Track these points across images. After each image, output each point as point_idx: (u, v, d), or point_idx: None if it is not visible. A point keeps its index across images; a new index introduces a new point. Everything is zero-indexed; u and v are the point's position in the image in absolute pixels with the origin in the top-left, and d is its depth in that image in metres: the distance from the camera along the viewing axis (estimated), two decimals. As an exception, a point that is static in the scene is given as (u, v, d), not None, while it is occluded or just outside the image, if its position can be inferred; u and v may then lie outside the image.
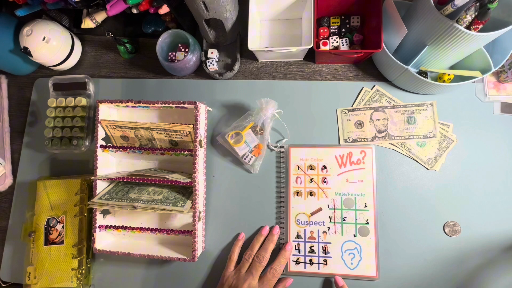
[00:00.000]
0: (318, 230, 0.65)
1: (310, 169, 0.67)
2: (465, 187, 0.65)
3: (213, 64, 0.70)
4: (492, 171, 0.65)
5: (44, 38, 0.69)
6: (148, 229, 0.65)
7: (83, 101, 0.73)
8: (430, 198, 0.65)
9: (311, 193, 0.66)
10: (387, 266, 0.63)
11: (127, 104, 0.65)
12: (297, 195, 0.66)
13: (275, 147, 0.68)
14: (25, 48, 0.68)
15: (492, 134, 0.66)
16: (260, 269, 0.61)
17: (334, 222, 0.65)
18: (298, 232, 0.65)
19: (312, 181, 0.66)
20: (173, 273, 0.67)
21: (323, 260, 0.64)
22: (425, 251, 0.63)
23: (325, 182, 0.66)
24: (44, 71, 0.79)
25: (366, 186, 0.65)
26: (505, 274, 0.62)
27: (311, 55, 0.71)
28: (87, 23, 0.70)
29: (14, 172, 0.75)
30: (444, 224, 0.64)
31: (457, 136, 0.66)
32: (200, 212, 0.64)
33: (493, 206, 0.64)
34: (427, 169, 0.66)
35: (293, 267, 0.64)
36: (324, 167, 0.66)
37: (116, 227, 0.66)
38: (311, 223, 0.65)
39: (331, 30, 0.68)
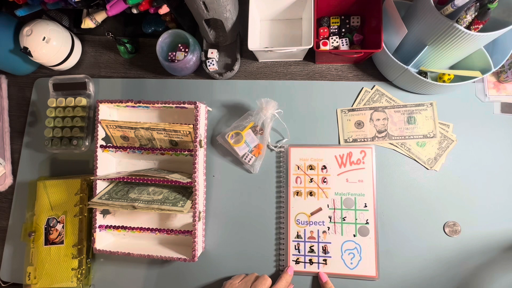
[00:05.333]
0: (318, 230, 0.65)
1: (310, 169, 0.67)
2: (465, 187, 0.65)
3: (213, 64, 0.70)
4: (492, 171, 0.65)
5: (44, 38, 0.69)
6: (148, 229, 0.65)
7: (83, 101, 0.73)
8: (430, 198, 0.65)
9: (311, 193, 0.66)
10: (387, 266, 0.63)
11: (127, 104, 0.65)
12: (297, 195, 0.66)
13: (275, 147, 0.68)
14: (25, 48, 0.68)
15: (492, 134, 0.66)
16: None
17: (334, 222, 0.65)
18: (298, 232, 0.65)
19: (312, 181, 0.66)
20: (173, 273, 0.67)
21: (323, 260, 0.64)
22: (425, 251, 0.63)
23: (325, 182, 0.66)
24: (44, 71, 0.79)
25: (366, 186, 0.65)
26: (505, 274, 0.62)
27: (311, 55, 0.71)
28: (87, 23, 0.70)
29: (14, 172, 0.75)
30: (444, 224, 0.64)
31: (457, 136, 0.66)
32: (200, 212, 0.64)
33: (493, 206, 0.64)
34: (427, 169, 0.66)
35: (293, 267, 0.64)
36: (324, 167, 0.66)
37: (116, 227, 0.66)
38: (311, 223, 0.65)
39: (331, 30, 0.68)
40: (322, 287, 0.62)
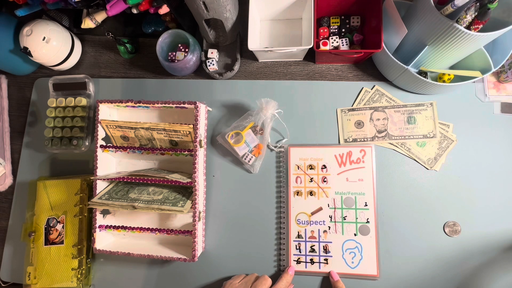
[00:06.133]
0: (319, 230, 0.65)
1: (310, 168, 0.67)
2: (465, 187, 0.65)
3: (213, 64, 0.70)
4: (492, 171, 0.65)
5: (44, 38, 0.69)
6: (148, 229, 0.65)
7: (83, 101, 0.73)
8: (430, 198, 0.65)
9: (311, 193, 0.66)
10: (388, 265, 0.63)
11: (127, 104, 0.65)
12: (297, 194, 0.66)
13: (275, 147, 0.68)
14: (25, 48, 0.68)
15: (492, 134, 0.66)
16: None
17: (335, 221, 0.65)
18: (298, 232, 0.65)
19: (312, 181, 0.66)
20: (173, 273, 0.67)
21: (324, 260, 0.64)
22: (425, 251, 0.63)
23: (325, 181, 0.66)
24: (44, 71, 0.79)
25: (366, 185, 0.65)
26: (505, 274, 0.62)
27: (311, 55, 0.71)
28: (87, 23, 0.70)
29: (14, 172, 0.75)
30: (444, 224, 0.64)
31: (457, 136, 0.66)
32: (200, 212, 0.64)
33: (493, 206, 0.64)
34: (427, 169, 0.66)
35: (294, 267, 0.64)
36: (324, 166, 0.66)
37: (116, 227, 0.66)
38: (311, 222, 0.65)
39: (331, 30, 0.68)
40: (333, 285, 0.61)
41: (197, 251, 0.61)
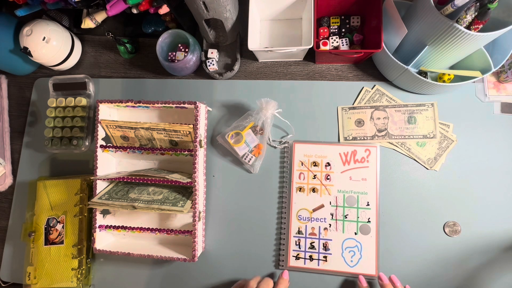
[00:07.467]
0: (319, 227, 0.65)
1: (314, 165, 0.67)
2: (465, 187, 0.64)
3: (213, 64, 0.70)
4: (492, 171, 0.65)
5: (44, 38, 0.69)
6: (148, 229, 0.65)
7: (83, 101, 0.73)
8: (430, 198, 0.65)
9: (313, 190, 0.66)
10: (387, 265, 0.63)
11: (127, 104, 0.65)
12: (299, 191, 0.66)
13: (280, 142, 0.68)
14: (25, 48, 0.68)
15: (492, 134, 0.65)
16: None
17: (336, 219, 0.65)
18: (299, 228, 0.65)
19: (315, 178, 0.66)
20: (173, 273, 0.67)
21: (323, 257, 0.64)
22: (425, 251, 0.63)
23: (328, 179, 0.66)
24: (44, 71, 0.79)
25: (369, 185, 0.65)
26: (505, 274, 0.62)
27: (311, 55, 0.71)
28: (87, 23, 0.70)
29: (14, 172, 0.75)
30: (444, 224, 0.64)
31: (457, 136, 0.66)
32: (200, 212, 0.64)
33: (493, 206, 0.64)
34: (427, 169, 0.66)
35: (292, 262, 0.64)
36: (328, 164, 0.66)
37: (116, 227, 0.66)
38: (312, 219, 0.65)
39: (331, 30, 0.68)
40: None
41: (197, 251, 0.61)
